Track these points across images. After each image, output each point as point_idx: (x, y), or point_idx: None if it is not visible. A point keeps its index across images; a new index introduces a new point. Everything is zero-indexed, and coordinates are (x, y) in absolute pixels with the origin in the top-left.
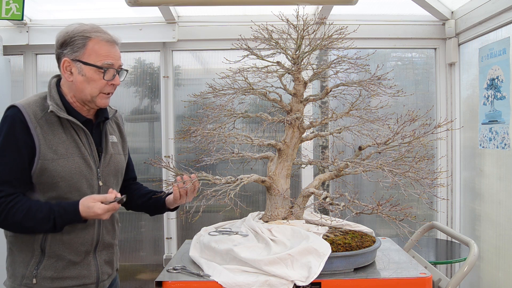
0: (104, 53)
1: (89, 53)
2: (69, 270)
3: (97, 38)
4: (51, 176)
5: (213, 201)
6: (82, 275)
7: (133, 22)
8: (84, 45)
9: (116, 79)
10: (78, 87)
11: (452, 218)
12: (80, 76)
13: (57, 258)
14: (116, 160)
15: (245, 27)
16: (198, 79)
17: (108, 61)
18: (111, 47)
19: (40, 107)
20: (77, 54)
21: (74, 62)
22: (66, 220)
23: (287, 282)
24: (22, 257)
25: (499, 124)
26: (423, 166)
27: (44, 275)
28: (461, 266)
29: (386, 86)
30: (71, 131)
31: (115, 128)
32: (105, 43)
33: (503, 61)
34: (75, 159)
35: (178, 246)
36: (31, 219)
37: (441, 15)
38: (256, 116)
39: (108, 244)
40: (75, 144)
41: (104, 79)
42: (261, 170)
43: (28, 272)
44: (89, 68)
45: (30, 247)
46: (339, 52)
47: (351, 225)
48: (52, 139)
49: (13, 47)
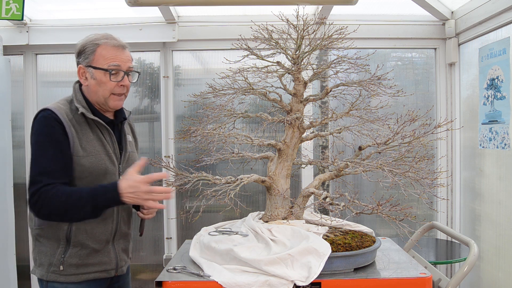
0: (110, 57)
1: (97, 58)
2: (92, 258)
3: (104, 44)
4: (81, 170)
5: (213, 201)
6: (103, 261)
7: (133, 22)
8: (94, 51)
9: (124, 80)
10: (92, 90)
11: (452, 218)
12: (92, 80)
13: (81, 246)
14: (132, 158)
15: (245, 27)
16: (198, 79)
17: (114, 63)
18: (117, 51)
19: (69, 109)
20: (88, 61)
21: (87, 68)
22: (107, 200)
23: (287, 282)
24: (48, 247)
25: (499, 124)
26: (423, 166)
27: (70, 262)
28: (461, 266)
29: (386, 86)
30: (97, 130)
31: (129, 129)
32: (111, 48)
33: (503, 61)
34: (101, 156)
35: (178, 246)
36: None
37: (441, 15)
38: (256, 116)
39: (125, 234)
40: (101, 142)
41: (111, 80)
42: (261, 170)
43: (56, 260)
44: (98, 72)
45: (56, 238)
46: (339, 52)
47: (351, 225)
48: (82, 137)
49: (13, 47)
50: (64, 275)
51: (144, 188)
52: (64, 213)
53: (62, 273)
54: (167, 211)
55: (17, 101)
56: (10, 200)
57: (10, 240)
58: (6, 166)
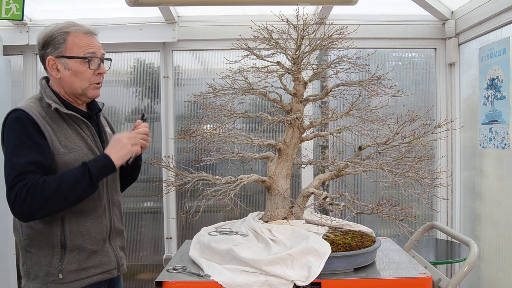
0: (85, 44)
1: (70, 46)
2: (91, 260)
3: (75, 31)
4: (64, 169)
5: (213, 201)
6: (104, 262)
7: (133, 22)
8: (65, 40)
9: (101, 67)
10: (67, 82)
11: (452, 218)
12: (66, 71)
13: (78, 250)
14: None
15: (245, 27)
16: (198, 79)
17: (90, 50)
18: (90, 37)
19: (40, 107)
20: (59, 51)
21: (58, 58)
22: (100, 168)
23: (287, 282)
24: (42, 257)
25: (499, 124)
26: (423, 166)
27: (69, 269)
28: (461, 266)
29: (386, 86)
30: (74, 125)
31: (105, 122)
32: (83, 35)
33: (503, 61)
34: (84, 151)
35: (178, 246)
36: (66, 182)
37: (441, 15)
38: (256, 116)
39: (119, 231)
40: (81, 137)
41: (90, 68)
42: (261, 170)
43: (53, 269)
44: (73, 61)
45: (49, 245)
46: (339, 52)
47: (351, 225)
48: (59, 134)
49: (13, 47)
50: (65, 283)
51: (125, 136)
52: (61, 200)
53: (63, 282)
54: (167, 211)
55: (17, 101)
56: None
57: (10, 241)
58: None
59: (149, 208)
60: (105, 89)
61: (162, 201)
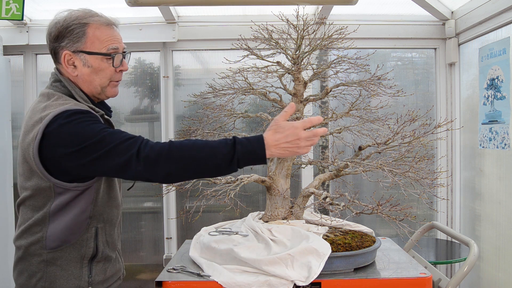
0: (107, 38)
1: (91, 41)
2: (111, 268)
3: (95, 23)
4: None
5: (213, 201)
6: (117, 269)
7: (133, 22)
8: (84, 33)
9: (124, 64)
10: (85, 80)
11: (452, 218)
12: (85, 68)
13: (104, 260)
14: None
15: (245, 27)
16: (198, 79)
17: (113, 46)
18: (111, 30)
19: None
20: (78, 45)
21: (76, 54)
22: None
23: (287, 282)
24: (70, 270)
25: (499, 124)
26: (423, 166)
27: (97, 280)
28: (461, 266)
29: (386, 86)
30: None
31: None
32: (105, 27)
33: (503, 61)
34: None
35: (178, 246)
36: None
37: (441, 15)
38: (256, 116)
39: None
40: None
41: (113, 66)
42: (261, 170)
43: (83, 282)
44: (94, 58)
45: (79, 256)
46: (339, 52)
47: (351, 225)
48: None
49: (13, 47)
50: None
51: (305, 134)
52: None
53: None
54: (167, 211)
55: (17, 101)
56: (10, 200)
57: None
58: (6, 166)
59: (149, 208)
60: None
61: (162, 201)
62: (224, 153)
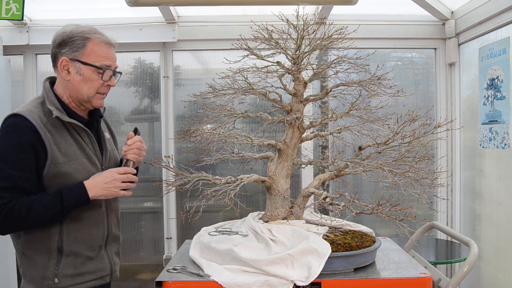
0: (103, 54)
1: (88, 53)
2: (87, 266)
3: (96, 39)
4: (64, 178)
5: (213, 201)
6: (99, 268)
7: (133, 22)
8: (84, 45)
9: (112, 80)
10: (75, 86)
11: (452, 218)
12: (78, 75)
13: (75, 255)
14: (113, 156)
15: (245, 27)
16: (198, 79)
17: (106, 62)
18: (109, 49)
19: (42, 112)
20: (76, 54)
21: (73, 61)
22: (72, 198)
23: (287, 282)
24: (39, 260)
25: (499, 124)
26: (423, 166)
27: (65, 273)
28: (461, 266)
29: (386, 86)
30: (74, 133)
31: (105, 126)
32: (104, 45)
33: (503, 61)
34: (82, 160)
35: (178, 246)
36: (38, 207)
37: (441, 15)
38: (256, 116)
39: (116, 237)
40: (80, 145)
41: (102, 79)
42: (261, 170)
43: (49, 272)
44: (87, 68)
45: (46, 249)
46: (339, 52)
47: (351, 225)
48: (60, 142)
49: (13, 47)
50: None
51: (120, 176)
52: (28, 225)
53: (58, 286)
54: (167, 211)
55: (17, 101)
56: None
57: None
58: None
59: (149, 208)
60: None
61: (162, 201)
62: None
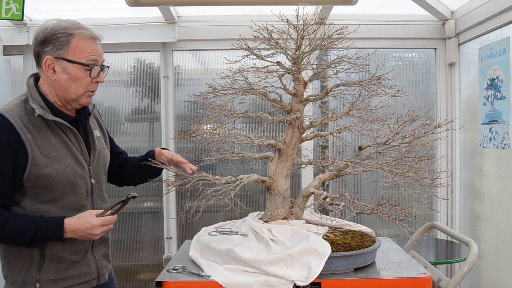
0: (89, 50)
1: (73, 50)
2: (71, 270)
3: (80, 34)
4: (46, 180)
5: (213, 201)
6: (84, 272)
7: (133, 22)
8: (68, 42)
9: (100, 76)
10: (62, 85)
11: (452, 218)
12: (64, 74)
13: (58, 260)
14: (103, 155)
15: (245, 27)
16: (198, 79)
17: (92, 57)
18: (94, 44)
19: (24, 111)
20: (61, 52)
21: (58, 60)
22: (47, 234)
23: (287, 282)
24: (20, 264)
25: (499, 124)
26: (423, 166)
27: (47, 278)
28: (461, 266)
29: (386, 86)
30: (59, 132)
31: (95, 123)
32: (89, 40)
33: (503, 61)
34: (67, 160)
35: (178, 246)
36: (11, 227)
37: (441, 15)
38: (256, 116)
39: (104, 239)
40: (65, 145)
41: (90, 76)
42: (261, 170)
43: (30, 277)
44: (73, 66)
45: (28, 253)
46: (339, 52)
47: (351, 225)
48: (42, 143)
49: (13, 47)
50: None
51: (99, 229)
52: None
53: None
54: (167, 211)
55: None
56: None
57: None
58: None
59: (149, 208)
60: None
61: (162, 201)
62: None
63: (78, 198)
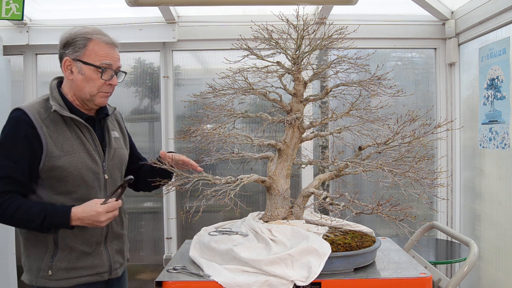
0: (103, 54)
1: (89, 53)
2: (82, 261)
3: (97, 39)
4: (60, 171)
5: (213, 201)
6: (95, 264)
7: (133, 22)
8: (85, 45)
9: (113, 79)
10: (78, 85)
11: (452, 218)
12: (79, 75)
13: (70, 250)
14: (119, 154)
15: (245, 27)
16: (198, 79)
17: (106, 61)
18: (110, 49)
19: (44, 108)
20: (77, 54)
21: (75, 61)
22: (55, 221)
23: (287, 282)
24: (36, 251)
25: (499, 124)
26: (423, 166)
27: (59, 266)
28: (461, 266)
29: (386, 86)
30: (75, 128)
31: (115, 125)
32: (104, 45)
33: (503, 61)
34: (80, 154)
35: (178, 246)
36: (22, 213)
37: (441, 15)
38: (256, 116)
39: (118, 235)
40: (80, 140)
41: (102, 78)
42: (261, 170)
43: (44, 264)
44: (88, 68)
45: (43, 242)
46: (339, 52)
47: (351, 225)
48: (57, 137)
49: (13, 47)
50: (54, 280)
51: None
52: (12, 225)
53: (52, 278)
54: (167, 211)
55: (17, 101)
56: None
57: (10, 240)
58: None
59: (149, 208)
60: None
61: (162, 201)
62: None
63: (91, 191)
